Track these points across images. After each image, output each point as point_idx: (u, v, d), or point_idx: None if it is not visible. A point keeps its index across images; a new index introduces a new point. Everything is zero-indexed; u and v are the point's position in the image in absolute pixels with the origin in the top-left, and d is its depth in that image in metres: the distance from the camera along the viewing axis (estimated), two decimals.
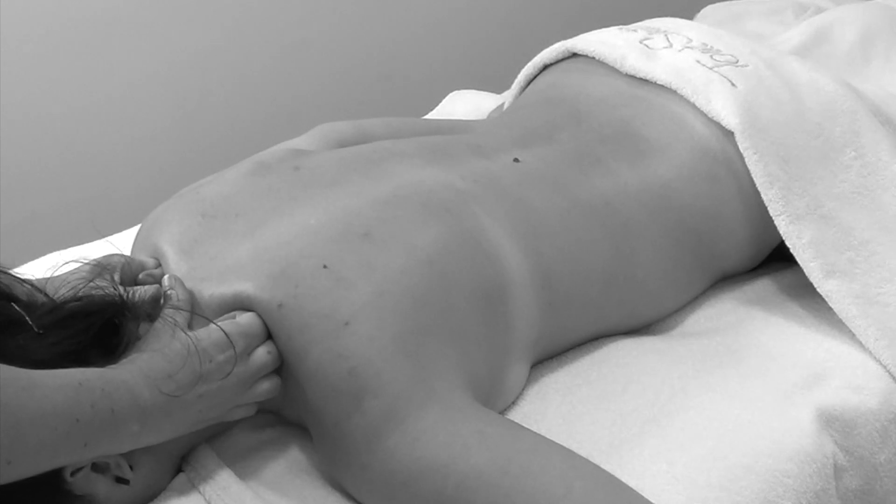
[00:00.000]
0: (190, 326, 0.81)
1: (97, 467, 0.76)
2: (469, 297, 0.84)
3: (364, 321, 0.79)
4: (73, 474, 0.73)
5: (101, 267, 0.88)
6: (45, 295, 0.79)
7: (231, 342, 0.79)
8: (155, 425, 0.75)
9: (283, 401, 0.85)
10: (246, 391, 0.81)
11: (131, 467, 0.78)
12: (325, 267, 0.82)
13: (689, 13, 1.73)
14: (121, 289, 0.81)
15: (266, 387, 0.82)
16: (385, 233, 0.86)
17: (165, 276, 0.85)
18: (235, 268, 0.85)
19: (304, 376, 0.79)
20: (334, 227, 0.86)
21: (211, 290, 0.84)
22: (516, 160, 0.99)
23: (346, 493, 0.82)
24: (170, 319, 0.79)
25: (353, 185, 0.92)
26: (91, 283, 0.80)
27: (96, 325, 0.77)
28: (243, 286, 0.83)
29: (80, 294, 0.78)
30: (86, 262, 0.87)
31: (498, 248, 0.89)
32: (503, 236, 0.90)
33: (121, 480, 0.77)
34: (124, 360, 0.75)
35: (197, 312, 0.83)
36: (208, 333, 0.79)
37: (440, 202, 0.90)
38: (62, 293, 0.78)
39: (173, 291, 0.83)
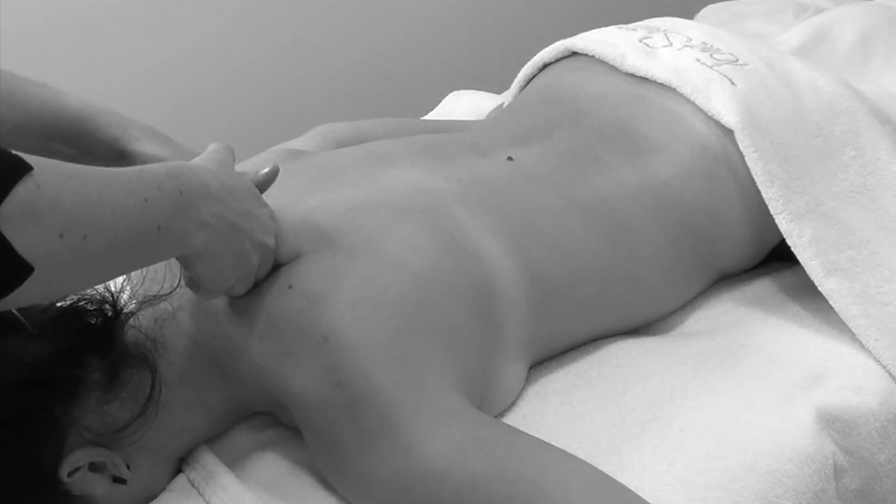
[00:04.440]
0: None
1: (94, 467, 0.76)
2: (452, 296, 0.84)
3: (343, 333, 0.78)
4: (70, 474, 0.74)
5: None
6: None
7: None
8: (225, 223, 0.74)
9: (278, 409, 0.85)
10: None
11: (129, 467, 0.78)
12: (290, 287, 0.81)
13: (689, 13, 1.73)
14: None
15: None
16: (350, 241, 0.84)
17: None
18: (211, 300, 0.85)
19: (293, 394, 0.79)
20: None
21: (189, 321, 0.84)
22: (510, 159, 0.99)
23: None
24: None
25: (327, 194, 0.91)
26: None
27: (88, 324, 0.77)
28: (224, 325, 0.83)
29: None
30: None
31: (478, 245, 0.88)
32: (485, 234, 0.89)
33: (118, 480, 0.77)
34: None
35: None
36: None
37: (413, 204, 0.89)
38: None
39: None
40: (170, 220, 0.69)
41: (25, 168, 0.59)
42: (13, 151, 0.60)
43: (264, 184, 0.84)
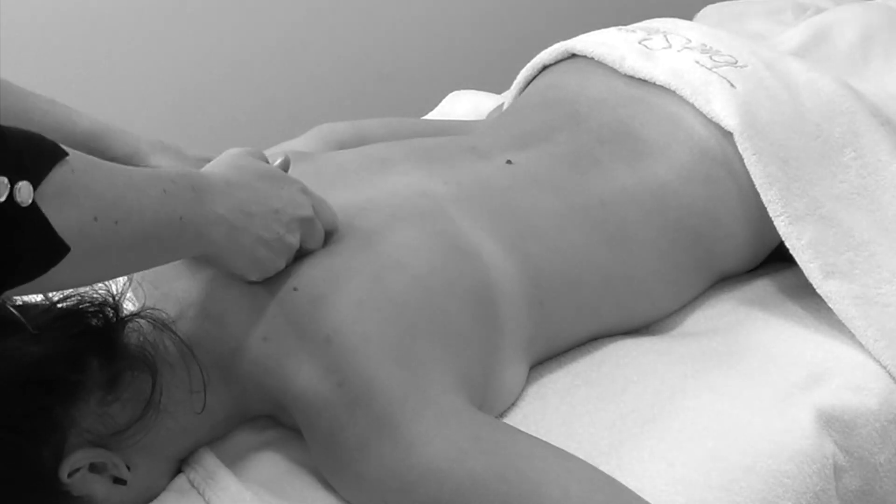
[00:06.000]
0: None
1: (94, 468, 0.76)
2: (454, 297, 0.84)
3: (347, 334, 0.79)
4: (70, 475, 0.74)
5: None
6: (44, 294, 0.79)
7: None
8: (242, 215, 0.77)
9: (279, 410, 0.85)
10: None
11: (129, 468, 0.78)
12: (295, 290, 0.82)
13: (689, 13, 1.72)
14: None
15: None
16: (350, 244, 0.85)
17: None
18: (216, 294, 0.85)
19: (295, 395, 0.79)
20: None
21: (190, 323, 0.84)
22: (509, 162, 0.99)
23: None
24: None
25: (327, 197, 0.91)
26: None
27: (90, 326, 0.77)
28: (228, 325, 0.83)
29: (71, 293, 0.78)
30: None
31: (478, 248, 0.88)
32: (485, 237, 0.89)
33: (118, 481, 0.77)
34: None
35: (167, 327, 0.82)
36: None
37: (412, 209, 0.90)
38: (56, 293, 0.79)
39: None
40: (189, 212, 0.72)
41: (61, 153, 0.62)
42: (48, 138, 0.63)
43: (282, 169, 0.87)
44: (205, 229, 0.74)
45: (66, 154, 0.63)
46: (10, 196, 0.59)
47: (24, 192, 0.59)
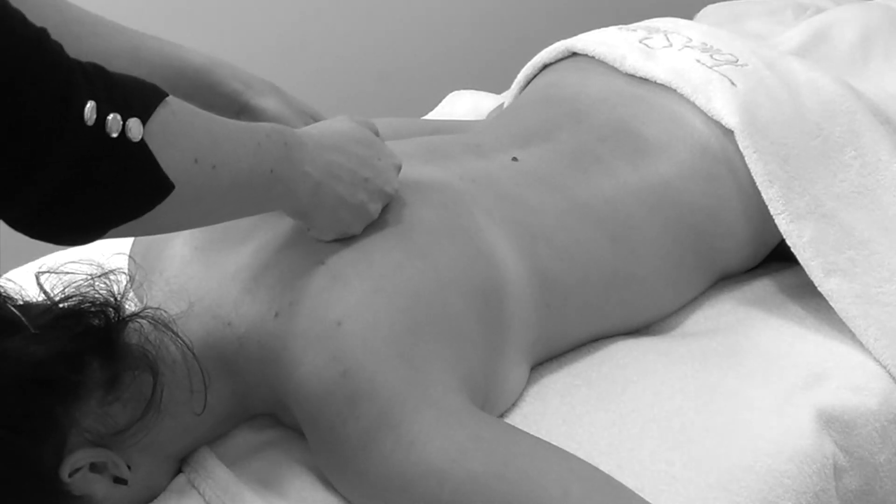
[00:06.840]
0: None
1: (95, 467, 0.76)
2: (464, 296, 0.84)
3: (357, 321, 0.79)
4: (71, 475, 0.74)
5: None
6: (46, 294, 0.79)
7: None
8: (330, 175, 0.79)
9: (280, 408, 0.85)
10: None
11: (129, 468, 0.78)
12: (322, 263, 0.83)
13: (689, 13, 1.72)
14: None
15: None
16: (382, 224, 0.86)
17: None
18: (235, 274, 0.86)
19: (298, 382, 0.79)
20: None
21: (196, 319, 0.85)
22: (514, 160, 0.99)
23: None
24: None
25: None
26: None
27: (90, 326, 0.77)
28: (241, 305, 0.84)
29: (73, 293, 0.78)
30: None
31: (494, 247, 0.88)
32: (500, 237, 0.90)
33: (119, 481, 0.77)
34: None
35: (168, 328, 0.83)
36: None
37: (438, 199, 0.90)
38: (57, 293, 0.79)
39: None
40: (279, 166, 0.75)
41: (162, 94, 0.65)
42: (148, 81, 0.65)
43: None
44: (292, 184, 0.77)
45: (167, 95, 0.65)
46: (122, 132, 0.61)
47: (135, 128, 0.62)
